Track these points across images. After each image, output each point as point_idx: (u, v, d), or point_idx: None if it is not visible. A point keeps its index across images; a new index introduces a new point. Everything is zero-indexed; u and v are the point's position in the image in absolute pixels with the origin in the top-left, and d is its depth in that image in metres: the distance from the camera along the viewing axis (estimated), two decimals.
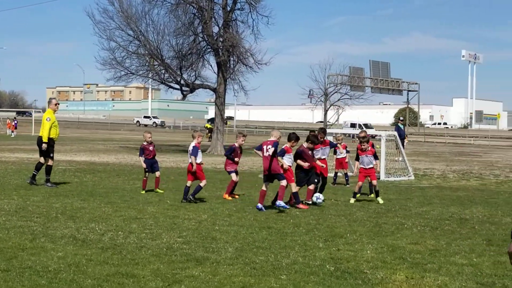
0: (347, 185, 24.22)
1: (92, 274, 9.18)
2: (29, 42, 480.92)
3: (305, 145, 18.39)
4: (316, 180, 18.53)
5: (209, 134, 70.30)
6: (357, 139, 25.66)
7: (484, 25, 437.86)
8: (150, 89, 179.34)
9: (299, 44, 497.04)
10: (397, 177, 27.99)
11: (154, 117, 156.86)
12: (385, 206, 18.29)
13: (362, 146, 19.23)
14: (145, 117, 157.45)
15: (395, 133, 29.92)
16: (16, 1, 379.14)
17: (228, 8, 47.02)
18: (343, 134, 31.94)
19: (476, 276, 9.86)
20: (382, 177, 27.82)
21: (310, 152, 18.49)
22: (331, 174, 24.22)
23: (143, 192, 20.02)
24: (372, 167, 19.16)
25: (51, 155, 21.07)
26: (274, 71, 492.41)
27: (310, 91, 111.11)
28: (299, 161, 18.05)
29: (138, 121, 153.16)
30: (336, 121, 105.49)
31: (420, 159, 46.43)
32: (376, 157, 19.65)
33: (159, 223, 14.10)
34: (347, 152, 25.75)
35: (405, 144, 49.06)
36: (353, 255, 11.14)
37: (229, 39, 45.82)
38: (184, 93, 49.53)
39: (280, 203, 16.51)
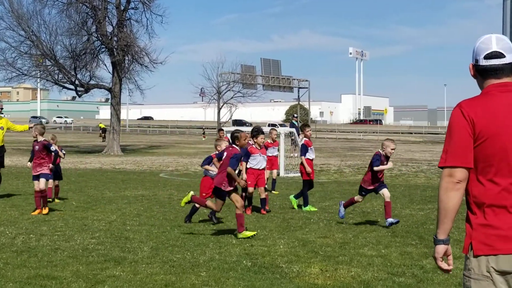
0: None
1: (12, 277, 9.13)
2: None
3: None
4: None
5: (103, 134, 69.61)
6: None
7: (370, 22, 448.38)
8: (38, 89, 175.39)
9: (187, 42, 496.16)
10: (296, 173, 28.49)
11: (41, 117, 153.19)
12: (289, 202, 18.69)
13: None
14: (32, 117, 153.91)
15: (293, 129, 30.45)
16: None
17: (122, 7, 46.80)
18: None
19: (386, 266, 10.29)
20: (282, 173, 28.34)
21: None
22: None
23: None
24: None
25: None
26: (165, 70, 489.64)
27: (201, 90, 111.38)
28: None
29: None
30: (229, 119, 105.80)
31: (316, 155, 47.28)
32: None
33: (69, 225, 14.05)
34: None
35: (298, 140, 49.96)
36: (267, 250, 11.42)
37: (124, 38, 45.60)
38: (79, 93, 48.92)
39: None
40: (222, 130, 26.12)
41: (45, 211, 15.63)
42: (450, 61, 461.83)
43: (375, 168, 14.35)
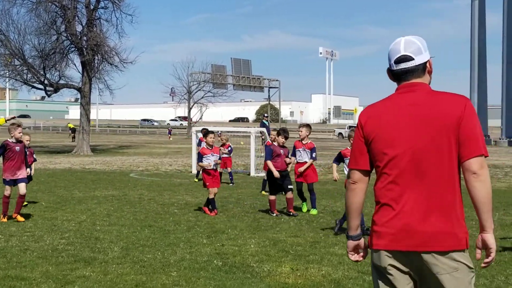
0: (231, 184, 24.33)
1: None
2: None
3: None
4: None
5: (73, 134, 69.21)
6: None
7: (340, 22, 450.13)
8: (7, 89, 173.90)
9: (159, 42, 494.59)
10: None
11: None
12: (260, 201, 18.74)
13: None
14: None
15: (264, 129, 30.46)
16: None
17: (92, 7, 46.53)
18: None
19: (356, 265, 10.32)
20: (252, 173, 28.40)
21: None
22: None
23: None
24: None
25: None
26: (136, 70, 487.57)
27: (172, 89, 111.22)
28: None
29: None
30: (199, 118, 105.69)
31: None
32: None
33: (39, 225, 13.95)
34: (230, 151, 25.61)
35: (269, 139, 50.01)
36: (238, 250, 11.44)
37: (93, 38, 45.36)
38: (48, 93, 48.56)
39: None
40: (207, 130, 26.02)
41: (21, 218, 14.55)
42: None
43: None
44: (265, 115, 48.83)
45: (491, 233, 4.12)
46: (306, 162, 16.62)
